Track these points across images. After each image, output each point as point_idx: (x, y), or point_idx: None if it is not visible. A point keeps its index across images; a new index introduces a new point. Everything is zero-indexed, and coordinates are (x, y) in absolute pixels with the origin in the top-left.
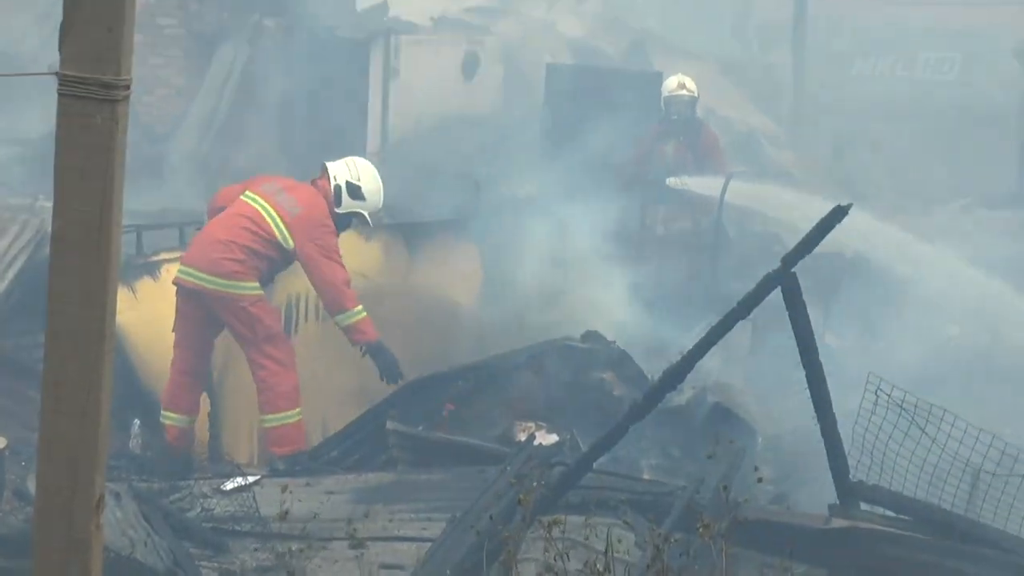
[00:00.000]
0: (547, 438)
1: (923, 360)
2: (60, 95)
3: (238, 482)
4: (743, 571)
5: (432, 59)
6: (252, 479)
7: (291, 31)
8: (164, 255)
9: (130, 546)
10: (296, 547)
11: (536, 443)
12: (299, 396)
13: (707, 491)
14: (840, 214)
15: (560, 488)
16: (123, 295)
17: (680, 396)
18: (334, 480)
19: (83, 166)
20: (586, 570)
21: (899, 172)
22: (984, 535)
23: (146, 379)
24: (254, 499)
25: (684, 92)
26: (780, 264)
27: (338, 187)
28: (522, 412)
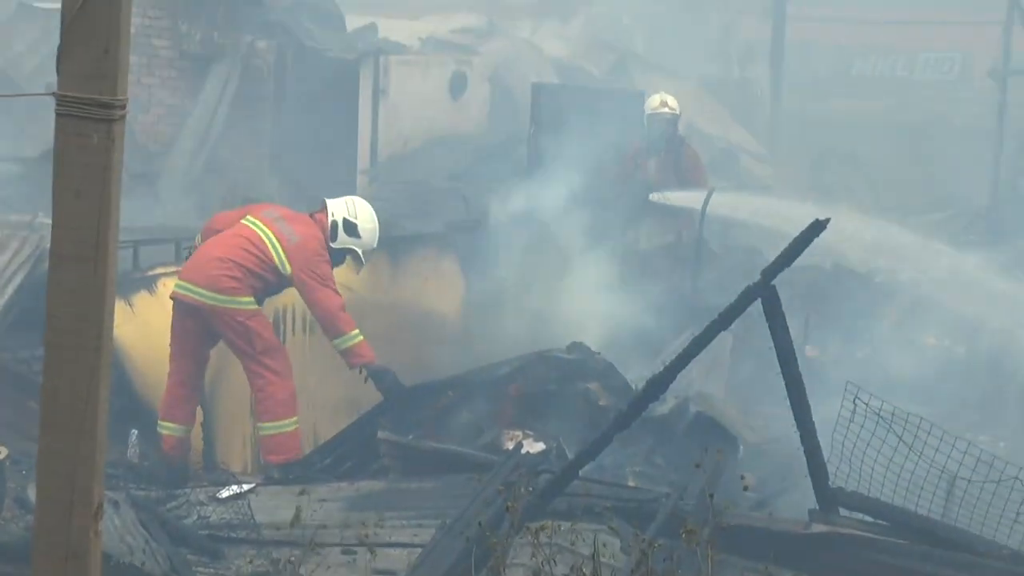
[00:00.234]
0: (534, 446)
1: (900, 370)
2: (58, 114)
3: (233, 490)
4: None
5: (420, 79)
6: (247, 487)
7: (282, 52)
8: (160, 270)
9: (128, 553)
10: (290, 553)
11: (523, 451)
12: (296, 405)
13: (690, 498)
14: (819, 228)
15: (547, 495)
16: (120, 309)
17: (663, 406)
18: (327, 488)
19: (80, 183)
20: (573, 574)
21: (877, 186)
22: (960, 540)
23: (143, 390)
24: (249, 507)
25: (666, 110)
26: (760, 277)
27: (335, 223)
28: (509, 421)
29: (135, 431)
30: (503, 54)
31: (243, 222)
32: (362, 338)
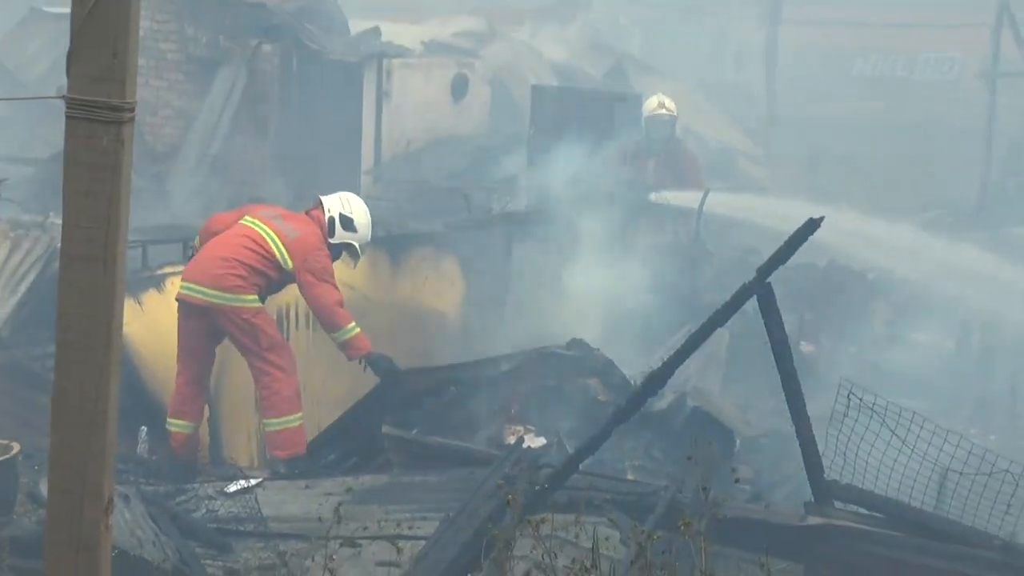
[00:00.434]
0: (535, 441)
1: (893, 365)
2: (68, 117)
3: (241, 484)
4: (722, 567)
5: (423, 81)
6: (254, 481)
7: (287, 55)
8: (168, 269)
9: (138, 546)
10: (296, 546)
11: (524, 446)
12: (300, 401)
13: (688, 491)
14: (813, 227)
15: (548, 488)
16: (130, 307)
17: (661, 401)
18: (332, 482)
19: (90, 185)
20: (573, 567)
21: (869, 186)
22: (952, 531)
23: (152, 387)
24: (256, 501)
25: (664, 112)
26: (756, 274)
27: (332, 219)
28: (511, 416)
29: (144, 427)
30: (503, 57)
31: (242, 222)
32: (359, 330)
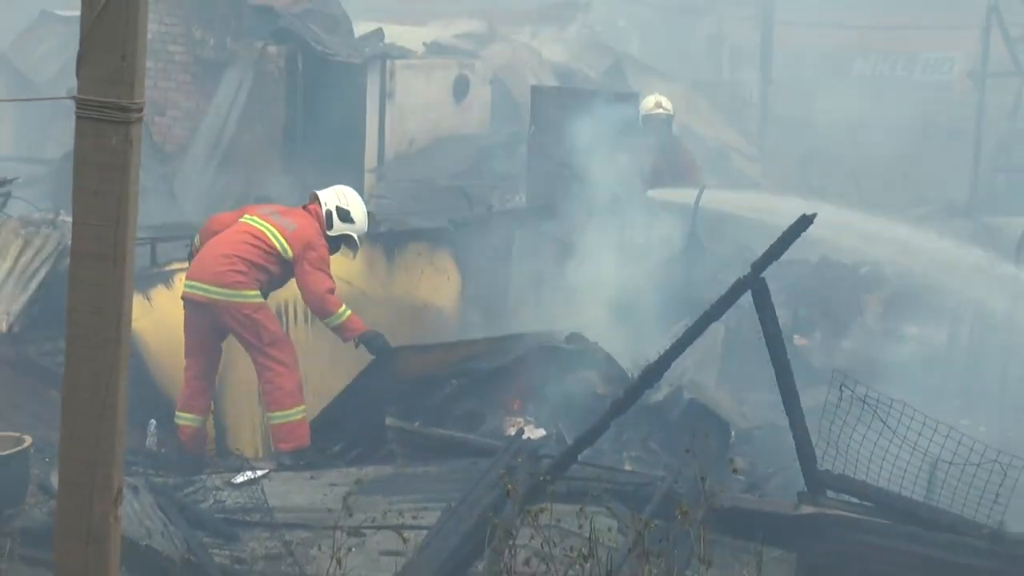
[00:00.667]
0: (535, 433)
1: (884, 358)
2: (78, 117)
3: (247, 476)
4: (717, 555)
5: (425, 82)
6: (260, 473)
7: (293, 57)
8: (176, 265)
9: (147, 536)
10: (301, 536)
11: (524, 437)
12: (303, 394)
13: (684, 481)
14: (805, 223)
15: (548, 479)
16: (138, 303)
17: (658, 393)
18: (337, 473)
19: (99, 183)
20: (571, 555)
21: (862, 183)
22: (942, 520)
23: (161, 381)
24: (262, 491)
25: (661, 111)
26: (750, 270)
27: (329, 212)
28: (511, 408)
29: (153, 420)
30: (504, 58)
31: (242, 220)
32: (350, 312)
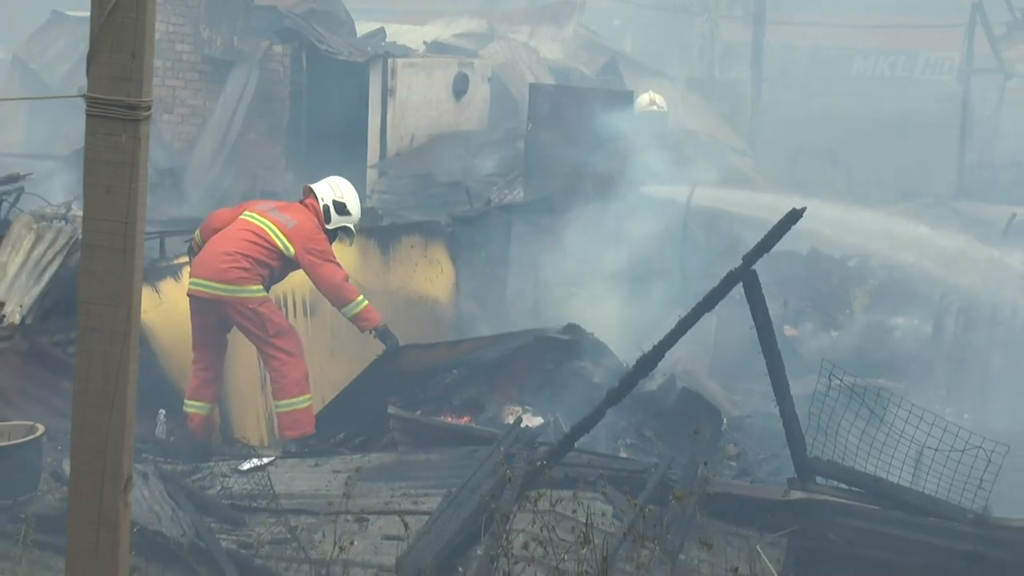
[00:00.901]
0: (532, 421)
1: (871, 347)
2: (88, 115)
3: (254, 463)
4: (710, 539)
5: (425, 80)
6: (266, 460)
7: (298, 55)
8: (184, 259)
9: (157, 521)
10: (306, 521)
11: (523, 425)
12: (308, 383)
13: (678, 468)
14: (795, 216)
15: (545, 466)
16: (148, 295)
17: (652, 382)
18: (340, 460)
19: (109, 179)
20: (569, 539)
21: (851, 176)
22: (928, 505)
23: (169, 371)
24: (268, 478)
25: (655, 108)
26: (742, 262)
27: (326, 206)
28: (510, 397)
29: (163, 410)
30: (502, 57)
31: (242, 217)
32: (367, 303)
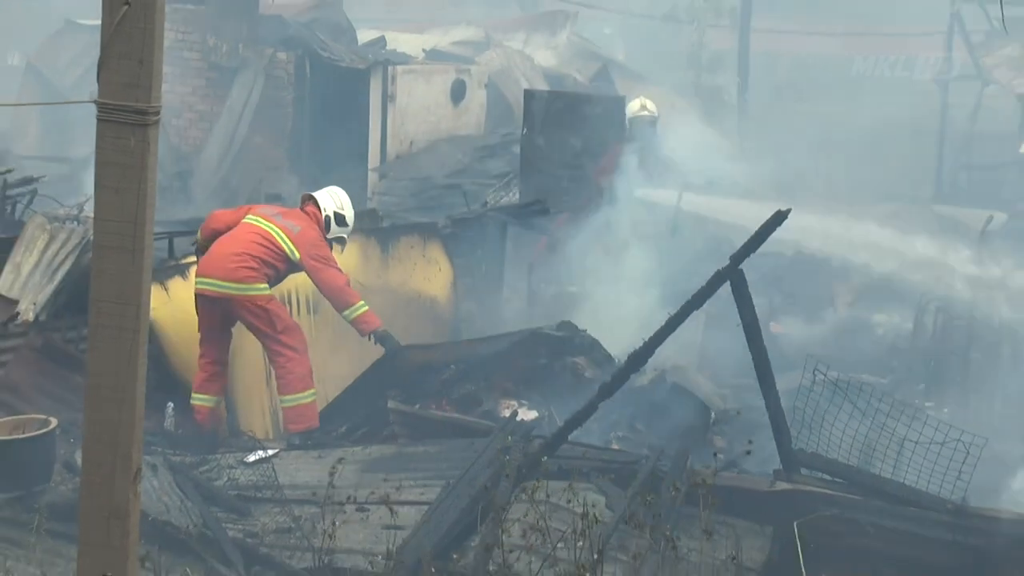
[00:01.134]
0: (528, 414)
1: (854, 344)
2: (99, 120)
3: (259, 455)
4: (698, 529)
5: (424, 86)
6: (271, 452)
7: (301, 63)
8: (192, 259)
9: (165, 511)
10: (309, 511)
11: (518, 419)
12: (312, 379)
13: (667, 460)
14: (780, 218)
15: (540, 458)
16: (157, 293)
17: (643, 377)
18: (342, 452)
19: (120, 181)
20: (563, 528)
21: (834, 180)
22: (908, 496)
23: (178, 366)
24: (273, 469)
25: (645, 113)
26: (729, 261)
27: (328, 217)
28: (505, 391)
29: (171, 403)
30: (498, 63)
31: (248, 221)
32: (367, 307)
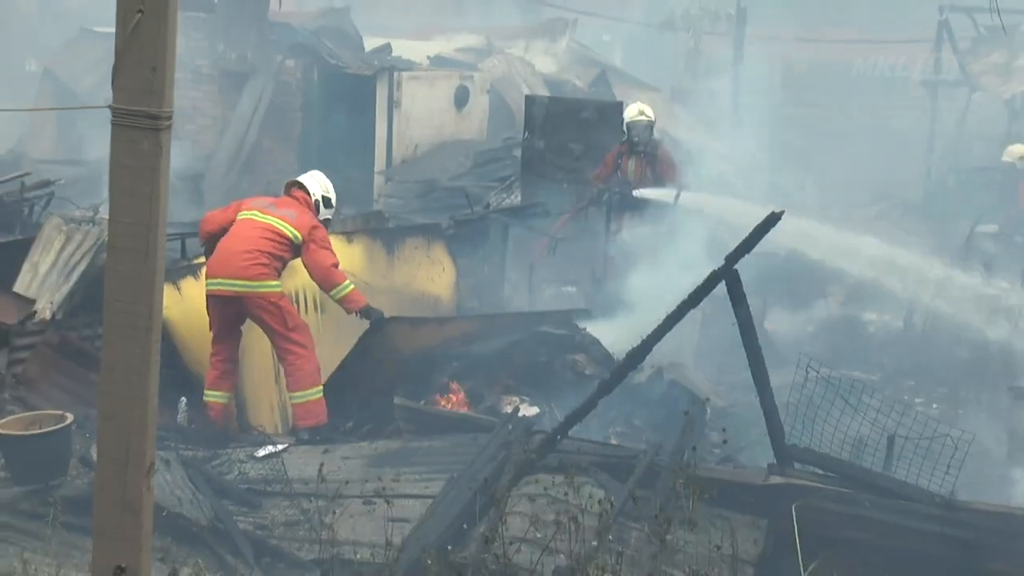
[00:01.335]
0: (529, 410)
1: (846, 341)
2: (113, 124)
3: (269, 450)
4: (692, 521)
5: (428, 92)
6: (281, 447)
7: (309, 69)
8: (203, 259)
9: (178, 504)
10: (318, 504)
11: (520, 415)
12: (320, 376)
13: (664, 454)
14: (774, 219)
15: (540, 453)
16: (169, 292)
17: (640, 374)
18: (349, 447)
19: (133, 184)
20: (563, 520)
21: (825, 182)
22: (898, 489)
23: (190, 364)
24: (283, 464)
25: (643, 117)
26: (724, 262)
27: (317, 201)
28: (507, 388)
29: (184, 399)
30: (500, 70)
31: (247, 217)
32: (353, 286)
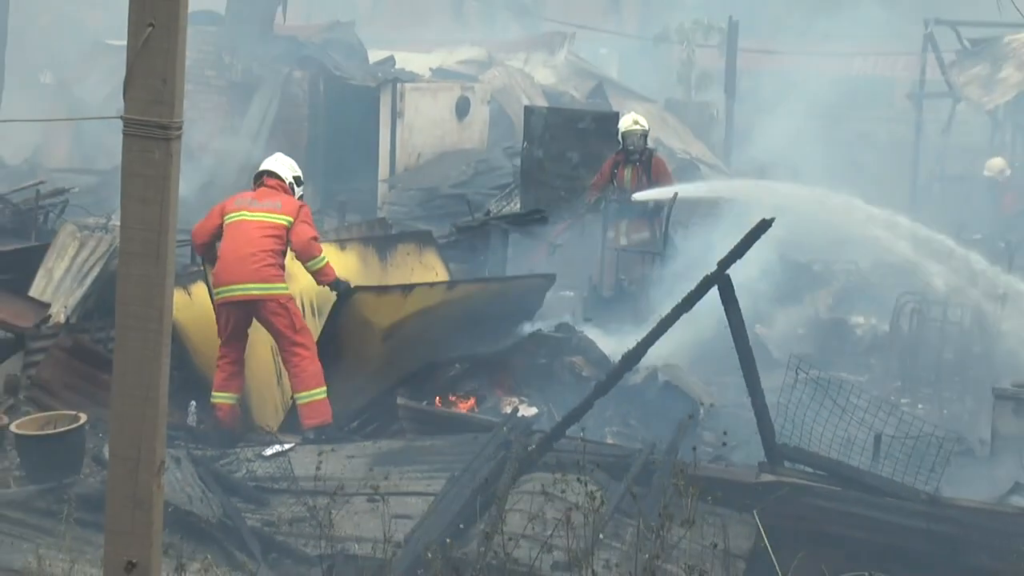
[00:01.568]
0: (528, 411)
1: (835, 344)
2: (125, 134)
3: (276, 449)
4: (686, 518)
5: (431, 102)
6: (288, 446)
7: (315, 81)
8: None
9: (188, 502)
10: (324, 501)
11: (519, 415)
12: (323, 377)
13: (659, 453)
14: (765, 226)
15: (539, 451)
16: (179, 296)
17: (636, 376)
18: (354, 446)
19: (144, 192)
20: (561, 518)
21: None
22: (885, 487)
23: (199, 366)
24: (289, 462)
25: (638, 127)
26: (716, 267)
27: (291, 183)
28: (507, 389)
29: (193, 400)
30: (500, 81)
31: (238, 219)
32: (327, 260)
